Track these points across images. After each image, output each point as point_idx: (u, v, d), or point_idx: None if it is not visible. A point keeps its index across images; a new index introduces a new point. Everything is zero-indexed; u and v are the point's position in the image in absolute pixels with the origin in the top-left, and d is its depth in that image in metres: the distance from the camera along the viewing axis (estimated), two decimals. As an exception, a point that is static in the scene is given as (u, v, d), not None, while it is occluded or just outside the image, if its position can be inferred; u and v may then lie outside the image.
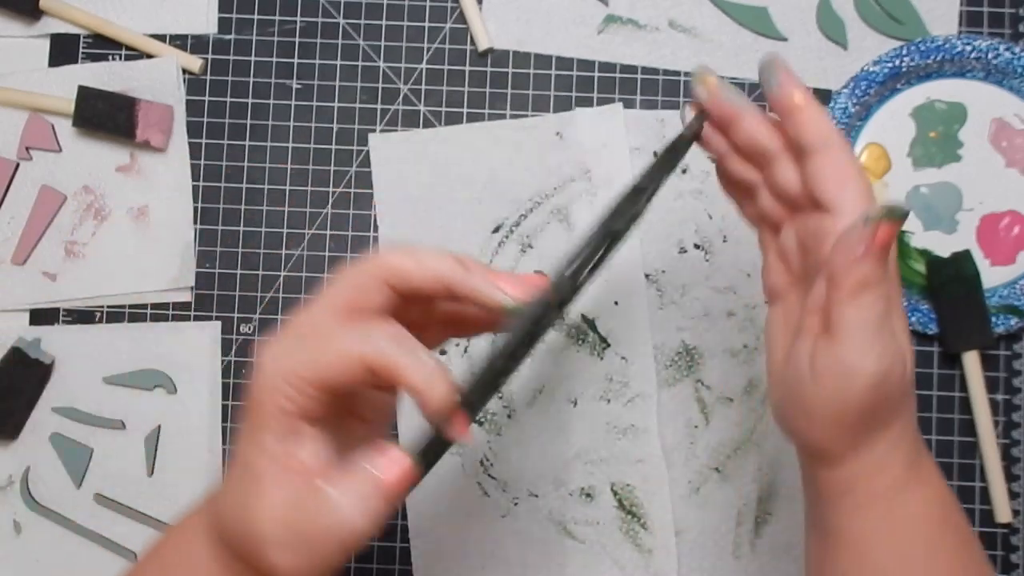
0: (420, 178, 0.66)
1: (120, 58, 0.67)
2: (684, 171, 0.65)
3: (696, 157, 0.65)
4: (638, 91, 0.66)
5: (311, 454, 0.39)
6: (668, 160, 0.46)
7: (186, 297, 0.66)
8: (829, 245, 0.41)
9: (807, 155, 0.43)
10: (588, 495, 0.64)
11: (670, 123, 0.65)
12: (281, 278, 0.66)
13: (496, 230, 0.65)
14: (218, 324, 0.65)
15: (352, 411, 0.43)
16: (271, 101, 0.67)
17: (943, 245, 0.64)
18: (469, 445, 0.38)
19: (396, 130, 0.66)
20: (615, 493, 0.64)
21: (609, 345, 0.64)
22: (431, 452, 0.39)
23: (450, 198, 0.65)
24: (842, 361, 0.40)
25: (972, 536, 0.45)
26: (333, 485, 0.38)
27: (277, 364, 0.39)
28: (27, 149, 0.66)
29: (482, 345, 0.64)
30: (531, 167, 0.65)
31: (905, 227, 0.64)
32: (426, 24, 0.67)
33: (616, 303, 0.64)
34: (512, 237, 0.65)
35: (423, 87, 0.66)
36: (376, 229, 0.66)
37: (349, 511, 0.38)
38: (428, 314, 0.44)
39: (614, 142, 0.65)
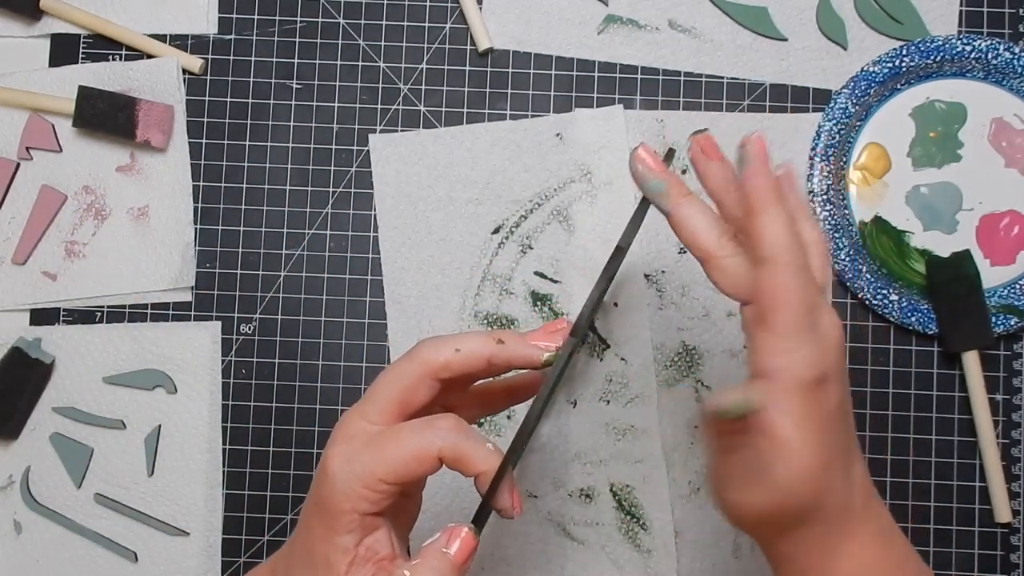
0: (420, 179, 0.66)
1: (120, 58, 0.67)
2: (684, 172, 0.65)
3: (696, 157, 0.65)
4: (638, 91, 0.66)
5: (386, 544, 0.43)
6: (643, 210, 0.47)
7: (186, 297, 0.66)
8: (757, 357, 0.43)
9: (755, 261, 0.44)
10: (588, 496, 0.64)
11: (669, 124, 0.65)
12: (281, 278, 0.66)
13: (496, 231, 0.65)
14: (218, 324, 0.65)
15: (404, 508, 0.47)
16: (271, 101, 0.67)
17: (943, 245, 0.64)
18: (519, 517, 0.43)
19: (397, 130, 0.66)
20: (615, 494, 0.64)
21: (609, 346, 0.64)
22: (483, 520, 0.44)
23: (450, 199, 0.65)
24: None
25: (921, 568, 0.46)
26: (413, 569, 0.42)
27: (351, 469, 0.42)
28: (27, 149, 0.66)
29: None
30: (531, 168, 0.65)
31: (905, 227, 0.64)
32: (426, 24, 0.67)
33: (616, 304, 0.64)
34: (512, 238, 0.65)
35: (423, 87, 0.66)
36: (376, 229, 0.66)
37: None
38: (463, 396, 0.48)
39: (614, 143, 0.65)
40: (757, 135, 0.44)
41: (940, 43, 0.64)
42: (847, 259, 0.63)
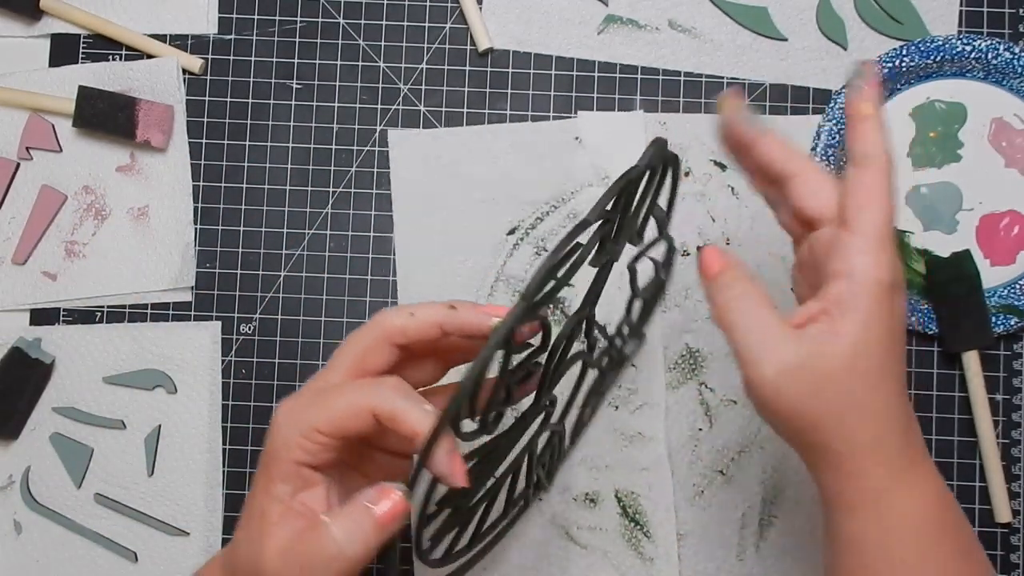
0: (437, 177, 0.65)
1: (120, 58, 0.67)
2: (687, 174, 0.65)
3: (698, 160, 0.65)
4: (638, 91, 0.66)
5: (319, 499, 0.43)
6: (622, 190, 0.45)
7: (186, 297, 0.66)
8: (839, 259, 0.43)
9: (848, 165, 0.45)
10: (592, 501, 0.64)
11: (672, 126, 0.65)
12: (281, 278, 0.66)
13: (511, 232, 0.65)
14: (218, 324, 0.65)
15: (359, 469, 0.47)
16: (271, 101, 0.67)
17: (943, 245, 0.64)
18: (463, 486, 0.42)
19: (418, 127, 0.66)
20: (619, 500, 0.64)
21: None
22: (439, 497, 0.43)
23: (466, 198, 0.65)
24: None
25: (971, 541, 0.46)
26: (332, 518, 0.42)
27: (293, 419, 0.43)
28: (27, 149, 0.66)
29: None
30: (548, 170, 0.65)
31: (905, 227, 0.64)
32: (426, 24, 0.67)
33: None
34: (527, 240, 0.65)
35: (423, 87, 0.66)
36: (377, 229, 0.66)
37: (344, 540, 0.41)
38: (426, 369, 0.48)
39: (632, 147, 0.65)
40: (873, 61, 0.48)
41: (940, 43, 0.64)
42: (847, 259, 0.63)
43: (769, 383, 0.43)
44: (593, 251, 0.45)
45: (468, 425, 0.45)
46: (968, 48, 0.64)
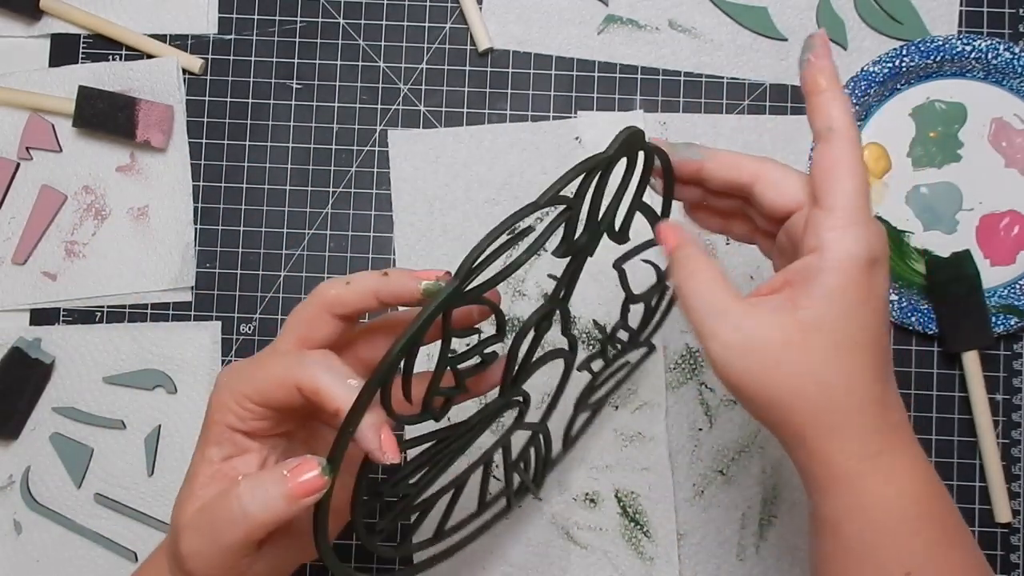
0: (437, 177, 0.65)
1: (120, 58, 0.67)
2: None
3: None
4: (638, 91, 0.66)
5: (250, 466, 0.43)
6: (585, 178, 0.44)
7: (186, 297, 0.66)
8: (811, 235, 0.42)
9: (814, 143, 0.44)
10: (592, 501, 0.64)
11: (672, 126, 0.65)
12: (281, 278, 0.66)
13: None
14: (218, 324, 0.65)
15: (307, 443, 0.47)
16: (271, 101, 0.67)
17: (943, 245, 0.64)
18: (394, 462, 0.40)
19: (418, 127, 0.66)
20: (619, 500, 0.64)
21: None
22: (338, 460, 0.40)
23: (467, 198, 0.65)
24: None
25: (958, 532, 0.44)
26: (247, 480, 0.41)
27: (229, 384, 0.43)
28: (27, 149, 0.66)
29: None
30: (549, 170, 0.65)
31: (905, 227, 0.64)
32: (426, 24, 0.67)
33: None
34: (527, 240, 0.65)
35: (423, 87, 0.66)
36: (377, 229, 0.66)
37: (250, 503, 0.40)
38: (380, 328, 0.47)
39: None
40: (822, 30, 0.45)
41: (940, 43, 0.64)
42: (847, 259, 0.63)
43: (719, 357, 0.42)
44: (552, 239, 0.43)
45: (409, 408, 0.43)
46: (968, 48, 0.64)
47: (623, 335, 0.56)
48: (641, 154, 0.45)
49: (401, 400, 0.43)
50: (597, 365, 0.56)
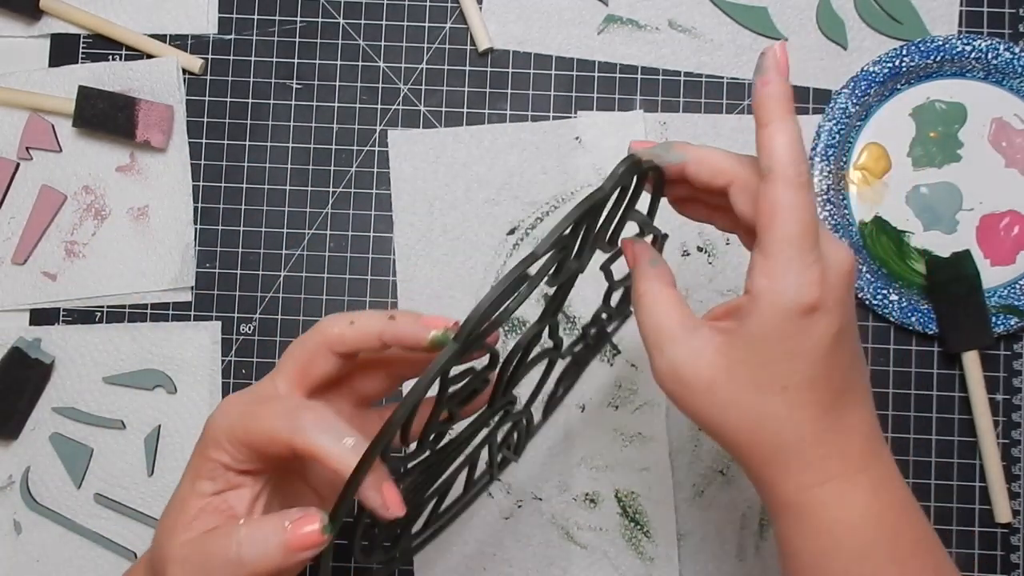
0: (437, 177, 0.65)
1: (120, 58, 0.67)
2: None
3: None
4: (638, 91, 0.66)
5: (243, 501, 0.42)
6: (583, 216, 0.43)
7: (186, 297, 0.66)
8: (748, 275, 0.41)
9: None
10: (592, 501, 0.64)
11: (672, 127, 0.65)
12: (281, 278, 0.66)
13: (512, 232, 0.65)
14: (218, 324, 0.65)
15: (304, 478, 0.47)
16: (271, 101, 0.67)
17: (943, 245, 0.64)
18: (399, 516, 0.40)
19: (418, 127, 0.66)
20: (619, 500, 0.64)
21: (620, 352, 0.64)
22: (339, 516, 0.40)
23: (467, 198, 0.65)
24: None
25: (913, 544, 0.44)
26: (248, 525, 0.40)
27: (223, 421, 0.42)
28: (27, 149, 0.66)
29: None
30: (549, 170, 0.65)
31: (905, 227, 0.64)
32: (426, 24, 0.67)
33: (630, 310, 0.64)
34: (527, 240, 0.65)
35: (423, 87, 0.66)
36: (377, 229, 0.66)
37: (247, 549, 0.40)
38: (379, 363, 0.47)
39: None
40: (781, 43, 0.42)
41: (940, 43, 0.64)
42: (847, 259, 0.63)
43: (660, 378, 0.43)
44: (547, 276, 0.43)
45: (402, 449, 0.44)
46: (968, 48, 0.64)
47: (603, 316, 0.56)
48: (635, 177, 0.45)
49: (396, 442, 0.42)
50: (577, 348, 0.57)
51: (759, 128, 0.41)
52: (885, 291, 0.63)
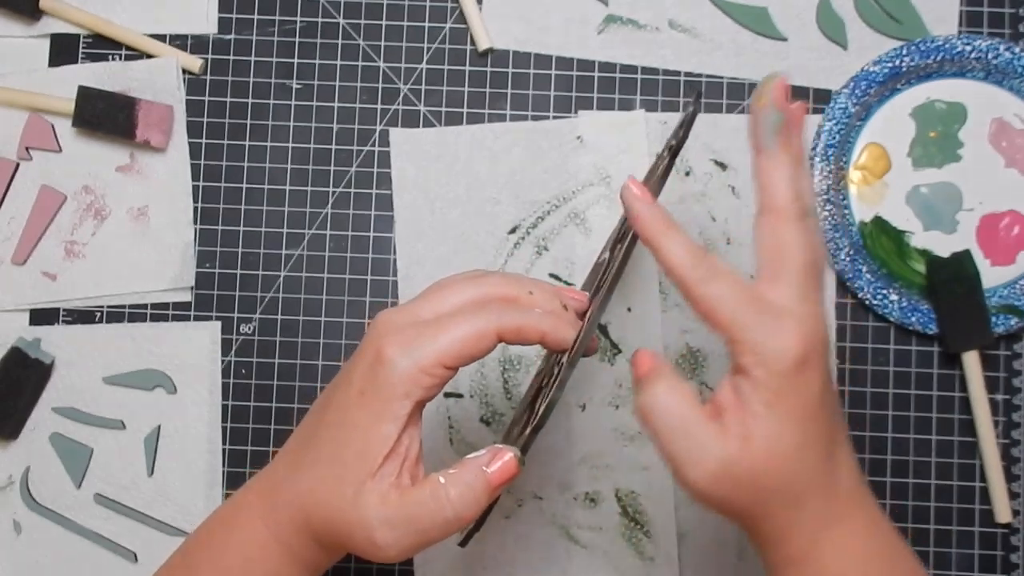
0: (439, 175, 0.65)
1: (120, 58, 0.67)
2: (688, 173, 0.65)
3: (698, 160, 0.65)
4: (638, 91, 0.66)
5: (416, 444, 0.44)
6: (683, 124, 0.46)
7: (186, 297, 0.66)
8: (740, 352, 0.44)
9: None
10: (592, 500, 0.64)
11: (672, 126, 0.65)
12: (281, 278, 0.66)
13: (513, 231, 0.65)
14: (218, 324, 0.65)
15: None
16: (271, 101, 0.67)
17: (943, 245, 0.64)
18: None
19: (419, 127, 0.66)
20: (619, 499, 0.64)
21: (620, 351, 0.64)
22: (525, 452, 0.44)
23: (468, 197, 0.65)
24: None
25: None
26: (445, 477, 0.42)
27: (410, 353, 0.42)
28: (27, 149, 0.66)
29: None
30: (550, 169, 0.65)
31: (905, 227, 0.64)
32: (426, 24, 0.67)
33: (629, 309, 0.64)
34: (528, 239, 0.65)
35: (423, 87, 0.66)
36: (377, 229, 0.66)
37: (460, 504, 0.42)
38: None
39: (634, 148, 0.65)
40: (781, 79, 0.43)
41: (940, 43, 0.64)
42: (847, 259, 0.63)
43: (694, 486, 0.44)
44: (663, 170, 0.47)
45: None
46: (968, 48, 0.64)
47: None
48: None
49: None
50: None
51: (756, 156, 0.44)
52: (885, 291, 0.63)
